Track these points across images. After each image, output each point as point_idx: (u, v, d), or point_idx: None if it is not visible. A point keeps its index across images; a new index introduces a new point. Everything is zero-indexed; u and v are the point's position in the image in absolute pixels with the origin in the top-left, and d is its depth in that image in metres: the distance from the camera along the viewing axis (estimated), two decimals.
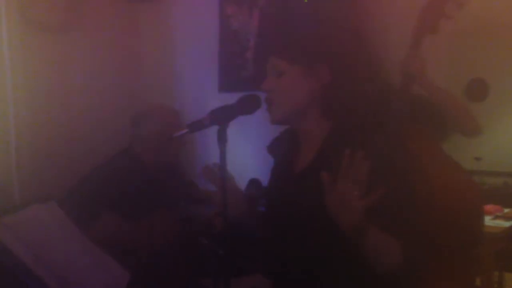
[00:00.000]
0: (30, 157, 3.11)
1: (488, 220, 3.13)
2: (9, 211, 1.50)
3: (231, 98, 1.40)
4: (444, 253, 1.87)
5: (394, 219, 1.27)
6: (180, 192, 2.33)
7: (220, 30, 3.43)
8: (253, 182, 2.40)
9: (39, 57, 3.17)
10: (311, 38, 1.42)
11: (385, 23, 3.01)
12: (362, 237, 1.23)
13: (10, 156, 3.06)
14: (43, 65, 3.19)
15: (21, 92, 3.10)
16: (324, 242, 1.32)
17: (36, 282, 1.21)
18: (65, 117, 3.25)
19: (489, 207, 3.30)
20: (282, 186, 1.48)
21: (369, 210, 1.22)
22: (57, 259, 1.30)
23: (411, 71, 1.96)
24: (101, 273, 1.39)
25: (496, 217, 3.21)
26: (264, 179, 2.87)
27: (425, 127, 2.07)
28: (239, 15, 3.37)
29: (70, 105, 3.28)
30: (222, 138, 1.29)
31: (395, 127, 1.98)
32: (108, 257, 1.44)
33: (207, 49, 3.46)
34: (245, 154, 3.03)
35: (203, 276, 1.83)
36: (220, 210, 1.31)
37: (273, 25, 3.14)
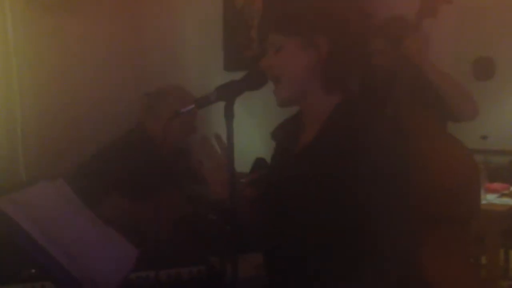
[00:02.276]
0: (36, 140, 3.12)
1: (494, 198, 3.13)
2: (16, 188, 1.51)
3: (236, 77, 1.39)
4: (440, 226, 1.92)
5: (392, 195, 1.28)
6: (189, 172, 2.33)
7: (224, 9, 3.40)
8: (259, 161, 2.39)
9: (43, 37, 3.16)
10: (307, 9, 1.40)
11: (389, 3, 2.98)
12: None
13: (17, 138, 3.07)
14: (48, 47, 3.18)
15: (26, 75, 3.10)
16: (322, 221, 1.32)
17: (43, 256, 1.22)
18: (70, 98, 3.25)
19: (495, 185, 3.30)
20: (282, 167, 1.47)
21: (368, 186, 1.24)
22: (65, 235, 1.31)
23: (411, 52, 1.99)
24: (109, 249, 1.40)
25: (503, 195, 3.21)
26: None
27: (427, 105, 2.09)
28: None
29: (75, 86, 3.27)
30: (229, 114, 1.28)
31: (396, 104, 2.01)
32: (116, 233, 1.44)
33: (211, 28, 3.43)
34: (251, 133, 3.03)
35: (211, 254, 1.84)
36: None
37: (276, 3, 3.11)
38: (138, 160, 2.14)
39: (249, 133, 3.03)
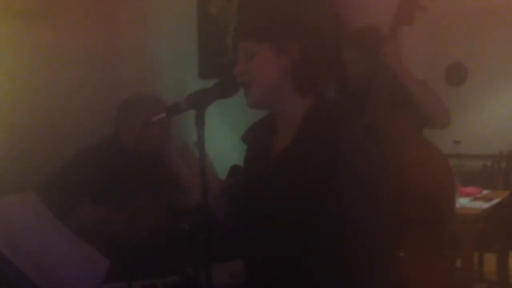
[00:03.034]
0: (6, 151, 3.05)
1: (467, 202, 3.17)
2: None
3: (211, 84, 1.39)
4: (415, 228, 1.94)
5: (368, 197, 1.29)
6: (163, 180, 2.31)
7: (198, 16, 3.39)
8: (235, 168, 2.38)
9: (14, 46, 3.10)
10: (279, 16, 1.45)
11: (364, 10, 3.01)
12: None
13: None
14: (17, 55, 3.12)
15: None
16: (301, 223, 1.33)
17: (13, 270, 1.19)
18: (42, 108, 3.19)
19: (468, 189, 3.35)
20: (259, 170, 1.47)
21: (346, 188, 1.26)
22: (34, 248, 1.28)
23: (387, 58, 2.02)
24: (80, 260, 1.37)
25: (475, 199, 3.26)
26: None
27: (403, 112, 2.12)
28: (217, 0, 3.33)
29: (47, 95, 3.21)
30: (199, 122, 1.28)
31: (372, 110, 2.03)
32: (86, 244, 1.42)
33: (185, 35, 3.42)
34: (226, 140, 3.02)
35: (185, 262, 1.83)
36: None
37: (251, 10, 3.12)
38: (111, 168, 2.12)
39: (224, 140, 3.02)
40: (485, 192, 3.44)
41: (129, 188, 2.11)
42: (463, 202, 3.15)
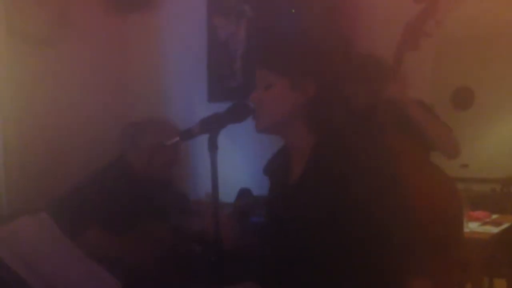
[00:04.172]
0: (19, 174, 3.08)
1: (476, 227, 3.15)
2: None
3: (220, 108, 1.42)
4: (424, 257, 1.93)
5: (379, 225, 1.30)
6: (171, 204, 2.32)
7: (208, 41, 3.44)
8: (244, 192, 2.40)
9: (25, 70, 3.15)
10: (300, 51, 1.47)
11: (372, 35, 3.05)
12: None
13: None
14: (30, 79, 3.17)
15: (8, 106, 3.08)
16: (322, 249, 1.35)
17: None
18: (54, 131, 3.23)
19: (477, 213, 3.32)
20: (279, 200, 1.52)
21: (355, 212, 1.28)
22: (49, 269, 1.29)
23: (393, 96, 2.03)
24: (92, 283, 1.38)
25: (485, 223, 3.23)
26: (255, 188, 2.88)
27: (410, 136, 2.12)
28: (226, 26, 3.39)
29: (57, 118, 3.26)
30: (212, 146, 1.30)
31: (378, 138, 2.03)
32: (99, 267, 1.43)
33: (195, 60, 3.47)
34: (236, 164, 3.04)
35: (196, 285, 1.83)
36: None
37: (260, 36, 3.17)
38: (119, 191, 2.13)
39: (233, 164, 3.03)
40: (494, 216, 3.42)
41: (136, 211, 2.12)
42: (472, 226, 3.13)
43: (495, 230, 3.14)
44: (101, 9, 3.48)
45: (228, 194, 1.75)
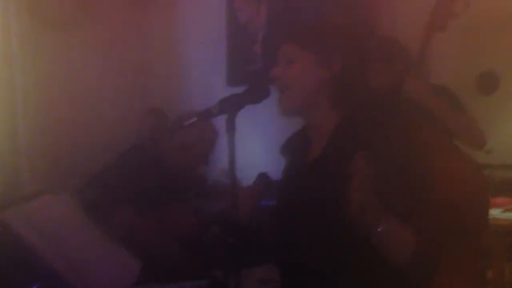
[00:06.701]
0: (40, 154, 3.13)
1: (499, 213, 3.11)
2: (19, 202, 1.51)
3: (239, 92, 1.40)
4: (448, 242, 1.90)
5: (403, 210, 1.28)
6: (191, 186, 2.35)
7: (227, 24, 3.43)
8: (262, 176, 2.39)
9: (48, 54, 3.18)
10: (326, 26, 1.43)
11: (396, 18, 3.00)
12: (376, 223, 1.22)
13: (21, 152, 3.08)
14: (52, 62, 3.20)
15: (30, 90, 3.12)
16: (336, 233, 1.33)
17: (48, 270, 1.22)
18: (75, 115, 3.27)
19: (499, 200, 3.27)
20: (294, 180, 1.49)
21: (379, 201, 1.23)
22: (69, 248, 1.31)
23: (414, 95, 1.99)
24: (113, 263, 1.40)
25: (507, 210, 3.19)
26: (273, 172, 2.87)
27: (433, 123, 2.08)
28: (246, 9, 3.37)
29: (80, 102, 3.29)
30: (230, 127, 1.30)
31: (403, 120, 2.00)
32: (119, 247, 1.44)
33: (215, 43, 3.46)
34: (254, 148, 3.04)
35: (215, 267, 1.84)
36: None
37: (280, 18, 3.14)
38: (145, 175, 2.18)
39: (252, 147, 3.03)
40: None
41: (159, 193, 2.15)
42: (494, 213, 3.08)
43: None
44: None
45: (246, 177, 1.74)
